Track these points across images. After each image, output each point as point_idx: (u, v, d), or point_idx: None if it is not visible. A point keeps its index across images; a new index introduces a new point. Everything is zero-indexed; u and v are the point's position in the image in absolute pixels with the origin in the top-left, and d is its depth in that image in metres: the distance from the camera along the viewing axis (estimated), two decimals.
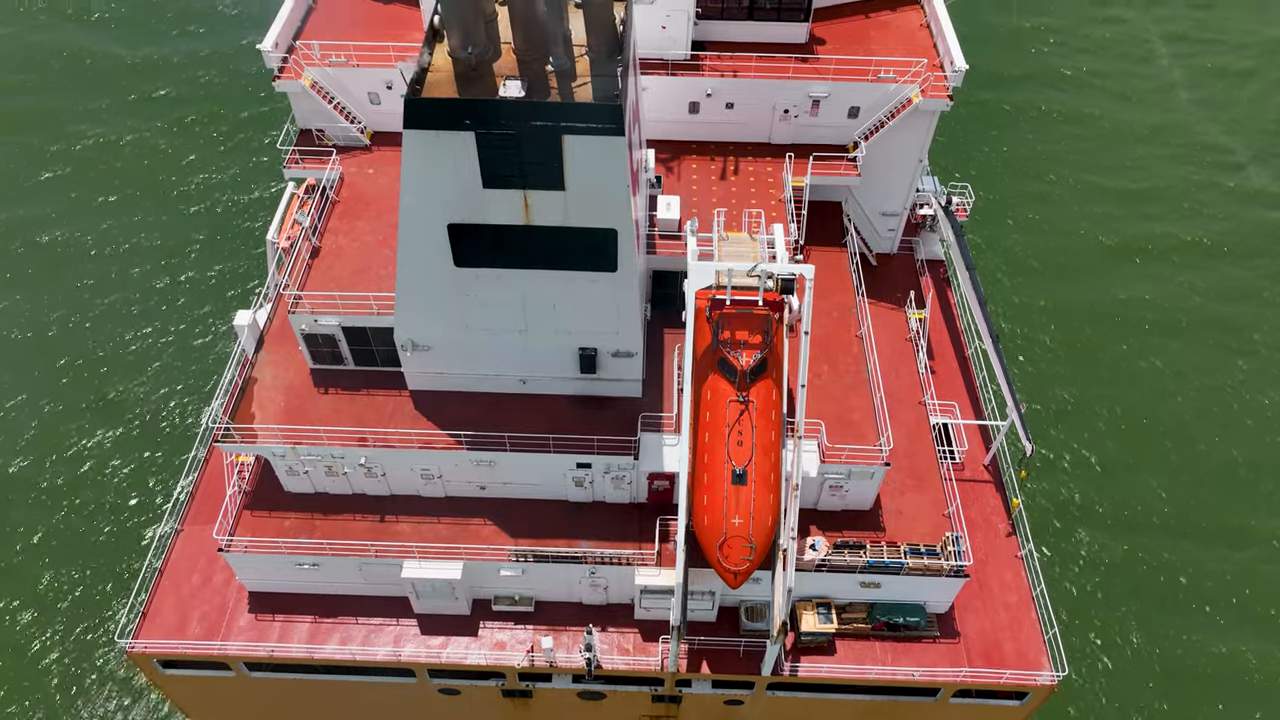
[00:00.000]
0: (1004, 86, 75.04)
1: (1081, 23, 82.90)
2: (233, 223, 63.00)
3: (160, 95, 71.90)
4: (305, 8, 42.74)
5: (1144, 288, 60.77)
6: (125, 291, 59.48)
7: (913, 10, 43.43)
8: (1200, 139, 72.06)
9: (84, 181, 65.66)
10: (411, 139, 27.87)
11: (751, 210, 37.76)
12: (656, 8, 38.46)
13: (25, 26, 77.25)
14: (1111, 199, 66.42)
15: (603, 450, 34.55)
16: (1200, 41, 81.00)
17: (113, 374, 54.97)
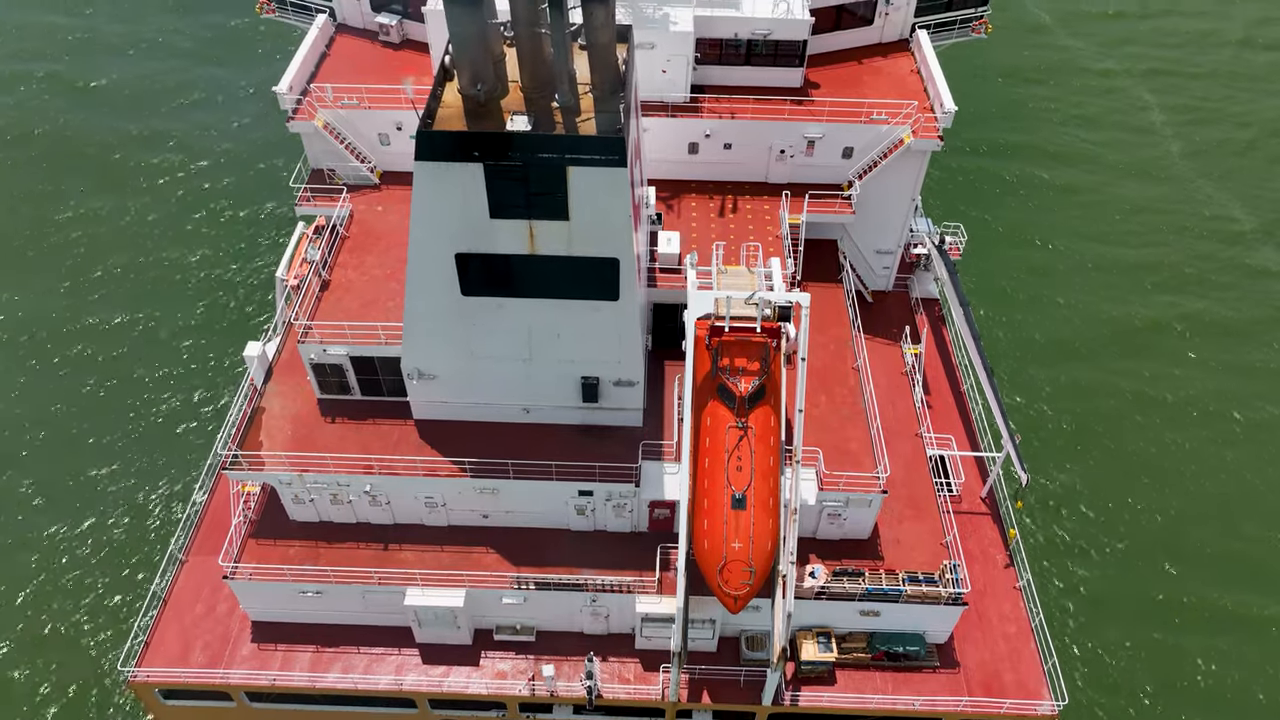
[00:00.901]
0: (999, 155, 74.85)
1: (1078, 92, 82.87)
2: (241, 262, 64.26)
3: (171, 146, 73.76)
4: (320, 53, 44.43)
5: (1145, 360, 59.60)
6: (136, 324, 60.50)
7: (903, 57, 45.11)
8: (1204, 210, 70.93)
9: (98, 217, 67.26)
10: (422, 170, 29.02)
11: (750, 244, 38.84)
12: (657, 53, 40.04)
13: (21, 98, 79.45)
14: (1111, 268, 65.68)
15: (604, 478, 35.12)
16: (1201, 113, 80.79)
17: (119, 406, 55.64)
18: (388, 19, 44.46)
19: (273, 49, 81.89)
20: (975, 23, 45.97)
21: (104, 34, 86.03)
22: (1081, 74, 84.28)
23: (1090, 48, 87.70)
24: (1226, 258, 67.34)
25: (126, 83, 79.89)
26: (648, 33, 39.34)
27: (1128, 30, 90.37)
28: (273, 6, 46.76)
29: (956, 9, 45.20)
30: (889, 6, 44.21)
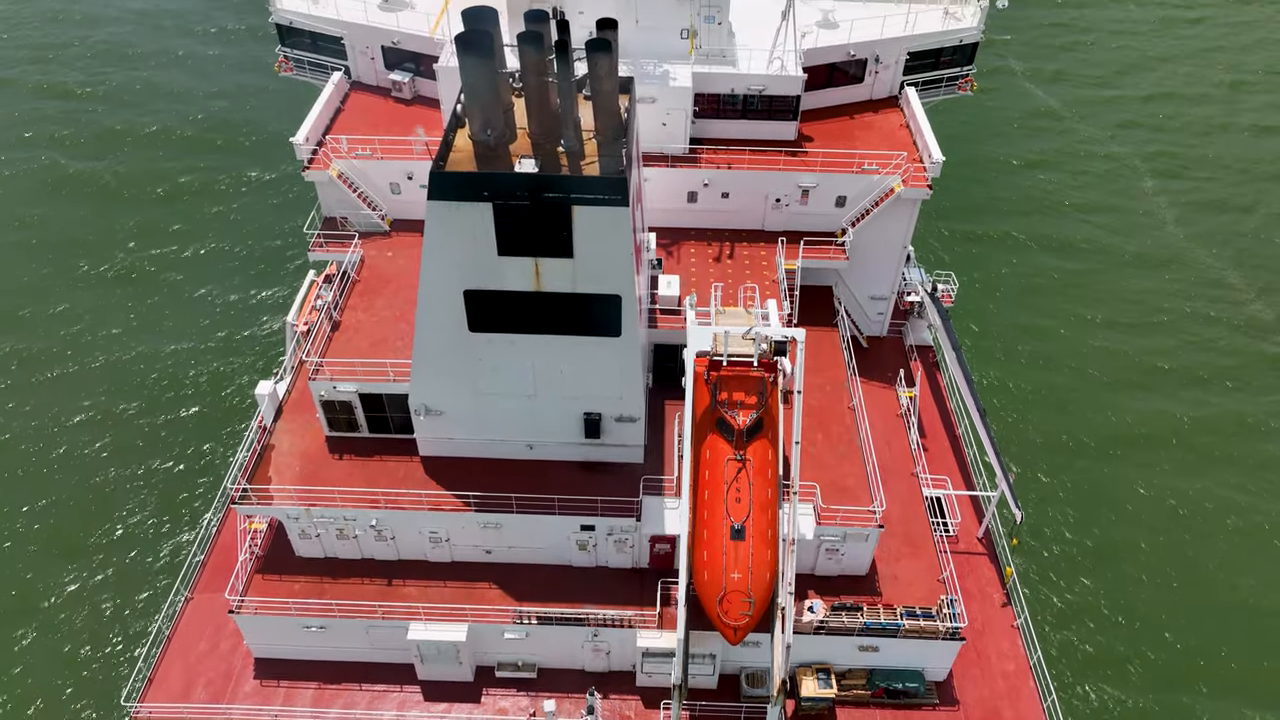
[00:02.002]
0: (995, 217, 75.10)
1: (1071, 157, 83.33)
2: (253, 307, 65.85)
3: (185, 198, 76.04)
4: (335, 108, 46.47)
5: (1144, 419, 59.37)
6: (148, 364, 61.73)
7: (893, 112, 47.15)
8: (1203, 274, 70.78)
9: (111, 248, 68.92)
10: (434, 210, 30.47)
11: (747, 286, 40.20)
12: (658, 107, 41.99)
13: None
14: (1108, 331, 65.62)
15: (606, 512, 35.82)
16: (1197, 177, 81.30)
17: (129, 446, 56.55)
18: (401, 76, 46.60)
19: (288, 105, 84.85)
20: (961, 81, 48.15)
21: (114, 103, 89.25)
22: (1087, 158, 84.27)
23: (1095, 131, 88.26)
24: (1232, 338, 66.59)
25: (140, 138, 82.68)
26: (648, 87, 41.34)
27: (1131, 114, 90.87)
28: (291, 65, 49.01)
29: (943, 68, 47.36)
30: (878, 65, 46.38)
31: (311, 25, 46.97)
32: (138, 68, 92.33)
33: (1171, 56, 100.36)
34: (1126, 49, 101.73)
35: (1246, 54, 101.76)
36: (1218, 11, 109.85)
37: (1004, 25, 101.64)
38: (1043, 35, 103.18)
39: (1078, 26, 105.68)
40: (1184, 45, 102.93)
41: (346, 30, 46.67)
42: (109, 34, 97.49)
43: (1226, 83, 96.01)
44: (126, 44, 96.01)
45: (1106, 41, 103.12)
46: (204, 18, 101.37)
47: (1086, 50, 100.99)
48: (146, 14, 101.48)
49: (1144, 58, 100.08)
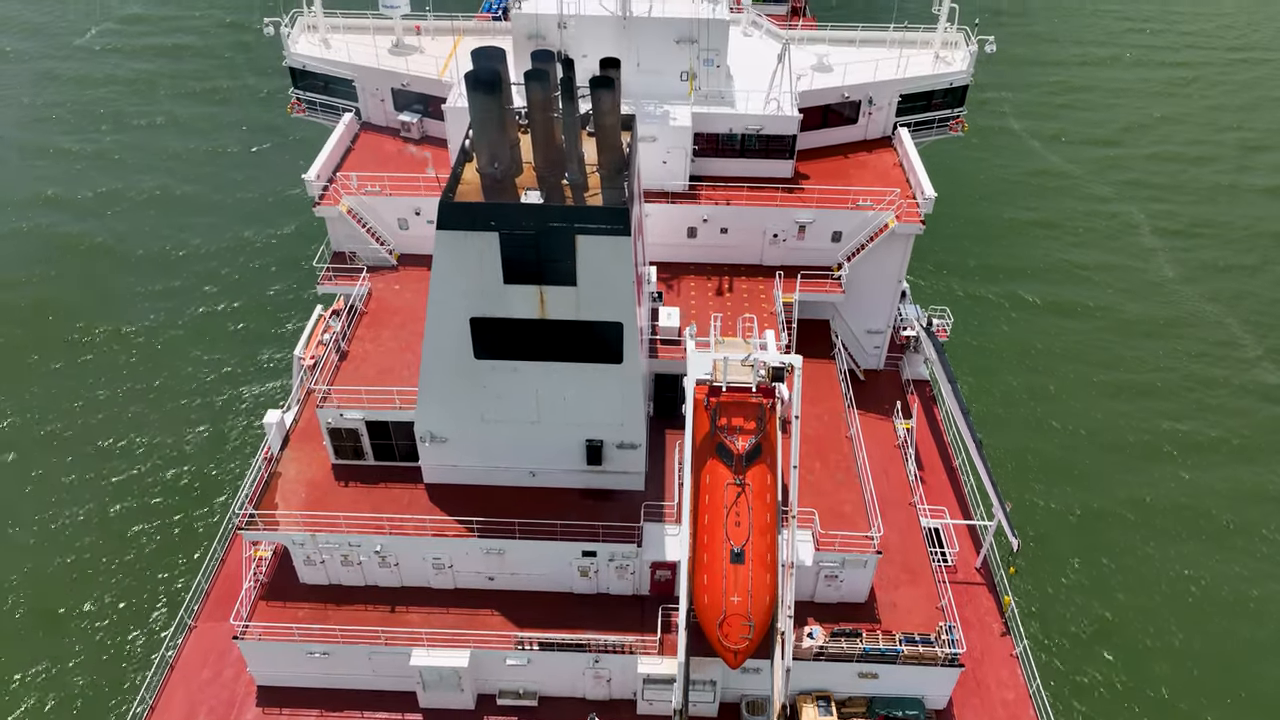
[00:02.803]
0: (997, 278, 74.78)
1: (1073, 216, 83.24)
2: (261, 341, 66.96)
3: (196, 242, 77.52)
4: (345, 147, 47.93)
5: (1150, 484, 58.61)
6: (156, 394, 62.84)
7: (887, 152, 48.59)
8: (1209, 334, 70.16)
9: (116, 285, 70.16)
10: (443, 239, 31.52)
11: (745, 317, 41.17)
12: (658, 145, 43.40)
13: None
14: (1113, 393, 64.85)
15: (607, 538, 36.31)
16: (1201, 235, 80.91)
17: (134, 478, 57.17)
18: (409, 117, 48.14)
19: (300, 145, 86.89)
20: (953, 122, 49.68)
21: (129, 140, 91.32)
22: (1089, 216, 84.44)
23: (1087, 173, 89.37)
24: (1226, 378, 66.79)
25: (153, 171, 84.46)
26: (650, 126, 42.79)
27: (1133, 172, 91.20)
28: (303, 107, 50.62)
29: (935, 109, 48.92)
30: (871, 107, 47.95)
31: (324, 69, 48.67)
32: (131, 128, 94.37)
33: (1172, 115, 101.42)
34: (1126, 108, 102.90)
35: (1248, 113, 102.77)
36: (1216, 71, 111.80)
37: (1003, 82, 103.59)
38: (1042, 93, 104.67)
39: (1076, 85, 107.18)
40: (1184, 104, 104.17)
41: (358, 73, 48.33)
42: (102, 95, 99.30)
43: (1229, 142, 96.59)
44: (120, 105, 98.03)
45: (1106, 100, 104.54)
46: (201, 76, 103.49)
47: (1086, 109, 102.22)
48: (142, 78, 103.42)
49: (1144, 116, 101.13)
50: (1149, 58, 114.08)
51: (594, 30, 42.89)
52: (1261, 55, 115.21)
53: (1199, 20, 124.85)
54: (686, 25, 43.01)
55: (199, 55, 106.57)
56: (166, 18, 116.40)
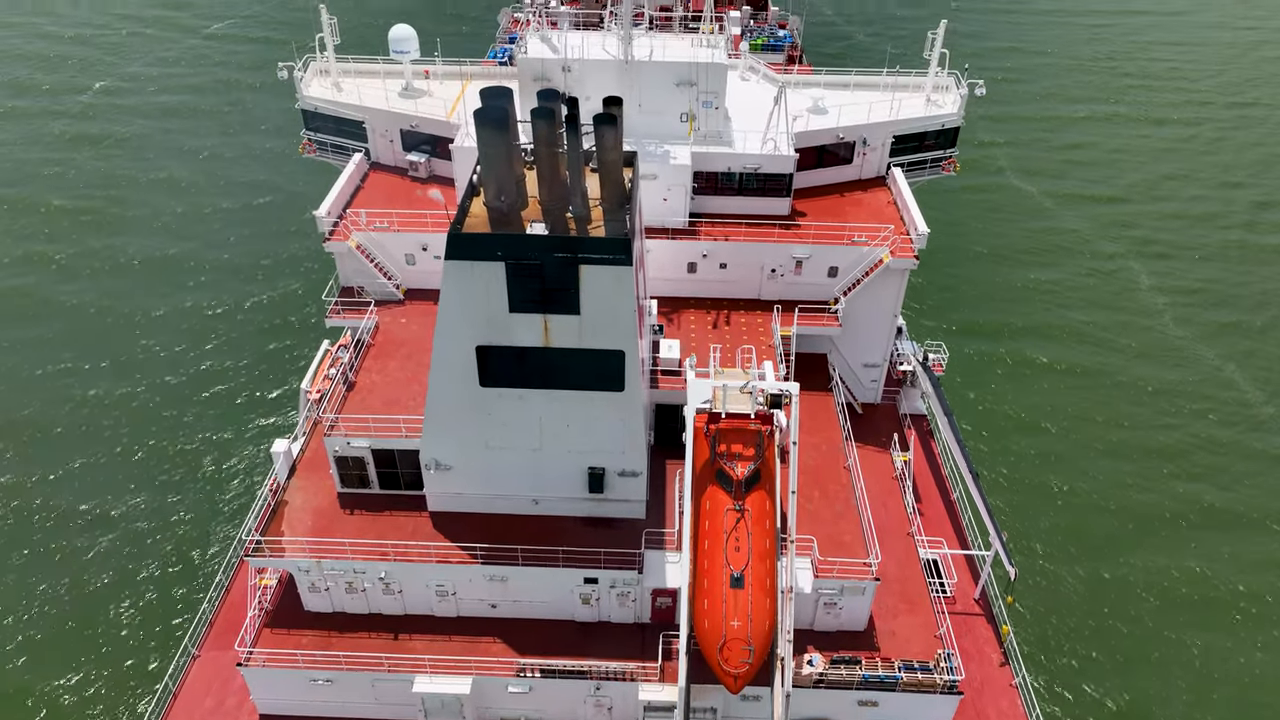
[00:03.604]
0: (1000, 339, 73.97)
1: (1077, 272, 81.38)
2: (268, 374, 67.84)
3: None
4: (355, 186, 49.33)
5: (1165, 558, 57.18)
6: (163, 424, 63.75)
7: (881, 191, 49.96)
8: (1222, 396, 69.04)
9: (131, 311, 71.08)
10: (451, 269, 32.56)
11: (744, 348, 42.08)
12: (659, 183, 44.75)
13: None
14: (1124, 457, 63.59)
15: (609, 564, 36.79)
16: (1199, 278, 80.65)
17: (140, 508, 57.62)
18: (417, 156, 49.62)
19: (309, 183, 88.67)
20: (945, 162, 51.15)
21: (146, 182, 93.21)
22: (1087, 256, 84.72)
23: (1092, 229, 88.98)
24: (1237, 439, 66.13)
25: (165, 222, 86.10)
26: (651, 165, 44.17)
27: (1130, 213, 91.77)
28: (314, 148, 52.15)
29: (927, 150, 50.41)
30: (866, 147, 49.41)
31: (336, 111, 50.28)
32: (134, 181, 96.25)
33: (1174, 171, 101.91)
34: (1124, 154, 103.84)
35: (1252, 168, 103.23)
36: (1216, 113, 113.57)
37: (1001, 130, 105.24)
38: (1043, 149, 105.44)
39: (1078, 140, 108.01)
40: (1187, 160, 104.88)
41: (368, 115, 49.92)
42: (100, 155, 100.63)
43: (1236, 199, 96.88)
44: (117, 170, 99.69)
45: (1104, 144, 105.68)
46: (198, 133, 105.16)
47: (1089, 164, 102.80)
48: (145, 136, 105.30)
49: (1147, 172, 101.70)
50: (1149, 114, 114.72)
51: (597, 73, 44.50)
52: (1263, 113, 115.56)
53: (1199, 76, 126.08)
54: (686, 69, 44.61)
55: (195, 115, 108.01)
56: (163, 75, 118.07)
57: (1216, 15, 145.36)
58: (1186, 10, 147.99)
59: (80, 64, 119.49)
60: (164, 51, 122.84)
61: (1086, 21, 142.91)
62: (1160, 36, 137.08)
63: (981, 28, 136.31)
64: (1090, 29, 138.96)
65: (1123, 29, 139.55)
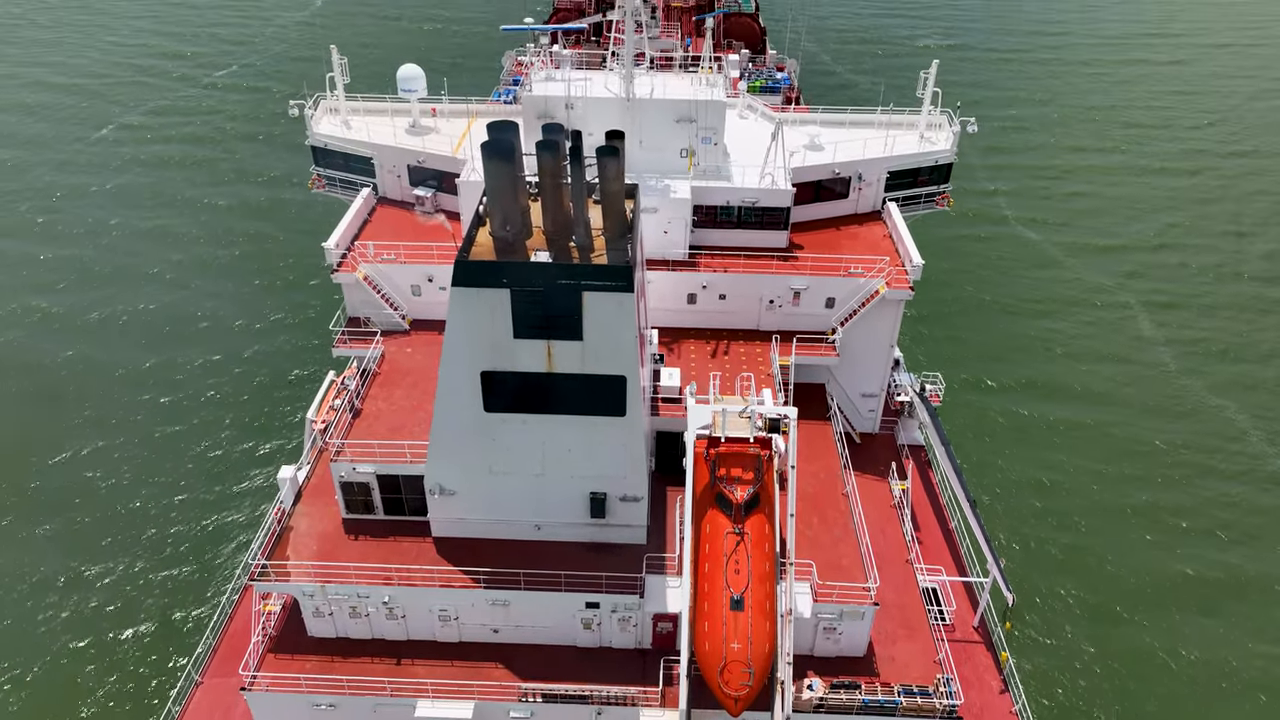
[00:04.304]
0: (1000, 379, 73.26)
1: (1081, 321, 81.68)
2: (274, 405, 68.52)
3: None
4: (363, 220, 50.53)
5: (1164, 586, 57.36)
6: (170, 452, 64.53)
7: (877, 225, 51.11)
8: (1220, 426, 68.80)
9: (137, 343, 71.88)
10: (457, 296, 33.47)
11: (743, 376, 42.86)
12: (660, 216, 45.88)
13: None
14: (1124, 489, 63.33)
15: (610, 589, 37.19)
16: (1207, 326, 79.72)
17: (142, 536, 58.10)
18: (424, 191, 50.88)
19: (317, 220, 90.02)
20: (939, 197, 52.38)
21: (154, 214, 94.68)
22: (1093, 306, 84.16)
23: (1102, 279, 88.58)
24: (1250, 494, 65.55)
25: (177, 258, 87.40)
26: (651, 199, 45.34)
27: (1136, 263, 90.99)
28: (323, 183, 53.45)
29: (921, 185, 51.66)
30: (861, 182, 50.67)
31: (345, 147, 51.66)
32: (138, 225, 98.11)
33: (1172, 206, 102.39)
34: (1127, 199, 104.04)
35: (1247, 203, 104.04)
36: (1218, 161, 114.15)
37: (1003, 178, 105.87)
38: (1042, 189, 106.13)
39: (1076, 181, 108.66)
40: (1184, 195, 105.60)
41: (376, 151, 51.29)
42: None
43: (1232, 232, 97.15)
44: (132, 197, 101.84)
45: (1106, 190, 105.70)
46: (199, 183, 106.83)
47: (1087, 204, 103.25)
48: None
49: (1144, 208, 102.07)
50: (1151, 164, 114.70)
51: (599, 110, 45.87)
52: (1264, 162, 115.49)
53: (1198, 124, 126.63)
54: (686, 106, 46.00)
55: (194, 163, 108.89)
56: (162, 124, 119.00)
57: (1214, 65, 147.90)
58: (1186, 60, 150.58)
59: (78, 112, 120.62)
60: (162, 100, 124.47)
61: (1086, 70, 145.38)
62: (1161, 86, 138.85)
63: (983, 77, 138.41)
64: (1089, 78, 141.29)
65: (1121, 78, 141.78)
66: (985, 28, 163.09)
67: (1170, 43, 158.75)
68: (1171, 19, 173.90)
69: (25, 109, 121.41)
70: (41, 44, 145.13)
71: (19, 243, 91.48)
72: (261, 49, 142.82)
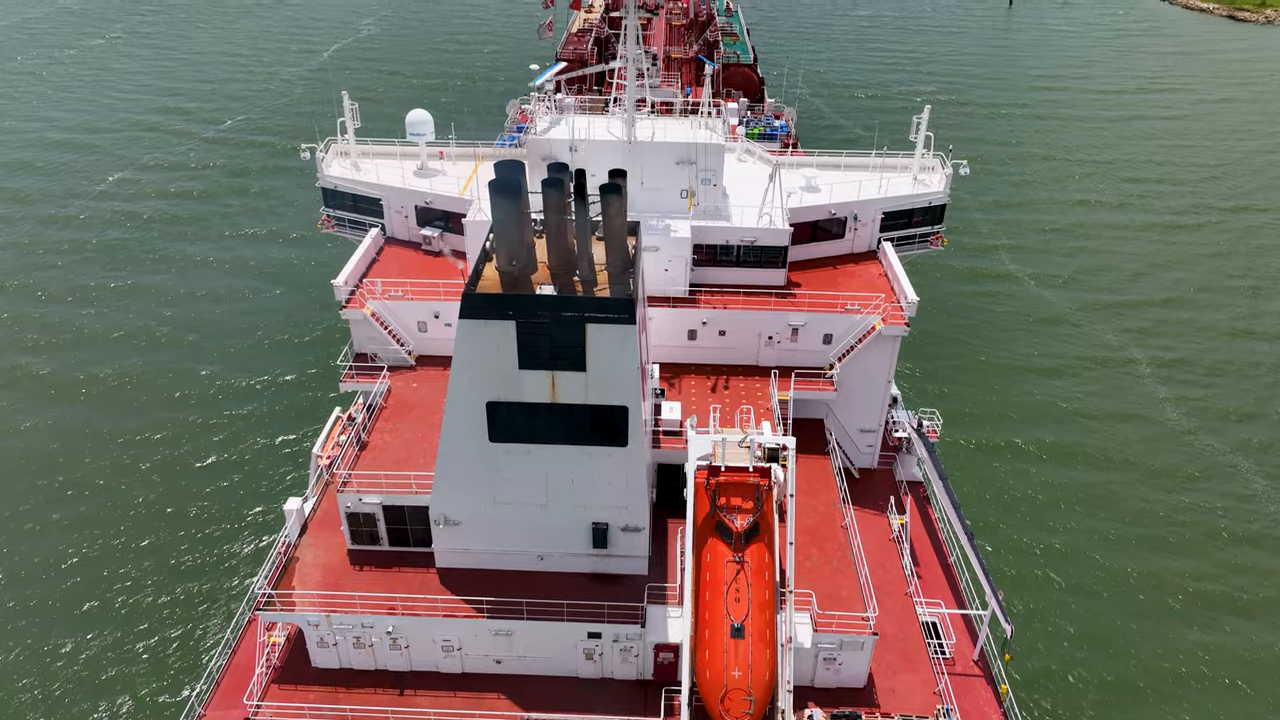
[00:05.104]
0: (1001, 424, 72.92)
1: (1079, 362, 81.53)
2: (280, 440, 69.32)
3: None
4: (370, 259, 51.76)
5: (1160, 617, 56.94)
6: (178, 487, 65.08)
7: (873, 264, 52.32)
8: (1236, 487, 67.61)
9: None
10: (464, 328, 34.45)
11: (743, 409, 43.66)
12: (661, 254, 47.10)
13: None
14: (1136, 553, 62.11)
15: (612, 619, 37.57)
16: (1220, 385, 78.61)
17: (147, 570, 58.48)
18: (431, 231, 52.20)
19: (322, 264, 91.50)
20: (933, 237, 53.69)
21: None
22: (1101, 364, 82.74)
23: (1112, 336, 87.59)
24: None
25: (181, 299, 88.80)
26: (653, 238, 46.59)
27: (1146, 320, 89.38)
28: (333, 223, 54.83)
29: (915, 226, 52.99)
30: (857, 223, 52.01)
31: (355, 189, 53.12)
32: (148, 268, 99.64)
33: (1180, 261, 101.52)
34: (1133, 256, 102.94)
35: (1256, 258, 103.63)
36: (1222, 216, 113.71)
37: (1005, 229, 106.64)
38: (1044, 240, 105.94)
39: (1080, 233, 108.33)
40: (1189, 249, 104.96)
41: (385, 192, 52.73)
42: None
43: (1243, 289, 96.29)
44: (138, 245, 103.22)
45: (1114, 247, 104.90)
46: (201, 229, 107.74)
47: (1091, 255, 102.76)
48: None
49: (1151, 264, 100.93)
50: (1157, 220, 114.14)
51: (602, 153, 47.36)
52: (1267, 218, 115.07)
53: (1199, 179, 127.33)
54: (686, 149, 47.50)
55: (198, 217, 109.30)
56: (165, 178, 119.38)
57: (1210, 124, 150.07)
58: (1184, 115, 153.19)
59: (79, 167, 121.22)
60: (164, 154, 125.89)
61: (1084, 125, 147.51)
62: (1163, 142, 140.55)
63: (982, 131, 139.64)
64: (1088, 131, 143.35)
65: (1121, 133, 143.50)
66: (986, 83, 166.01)
67: (1165, 98, 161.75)
68: (1165, 74, 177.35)
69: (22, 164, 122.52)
70: (48, 100, 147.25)
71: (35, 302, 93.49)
72: (263, 104, 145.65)
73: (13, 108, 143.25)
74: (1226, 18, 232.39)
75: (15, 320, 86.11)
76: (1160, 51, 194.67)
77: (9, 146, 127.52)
